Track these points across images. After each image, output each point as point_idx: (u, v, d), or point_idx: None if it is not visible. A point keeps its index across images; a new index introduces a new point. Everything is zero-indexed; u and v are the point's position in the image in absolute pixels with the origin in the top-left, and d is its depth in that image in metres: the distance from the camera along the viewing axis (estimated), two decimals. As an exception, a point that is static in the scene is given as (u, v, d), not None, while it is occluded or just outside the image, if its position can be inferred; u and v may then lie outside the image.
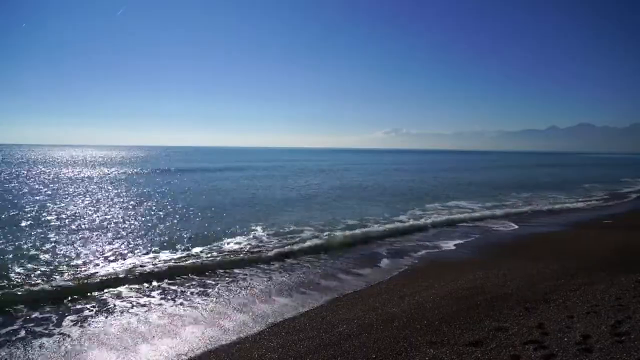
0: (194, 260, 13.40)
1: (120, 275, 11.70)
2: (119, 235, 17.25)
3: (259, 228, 18.90)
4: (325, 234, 17.58)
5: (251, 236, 17.28)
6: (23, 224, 19.13)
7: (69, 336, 8.29)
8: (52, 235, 16.92)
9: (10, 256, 13.71)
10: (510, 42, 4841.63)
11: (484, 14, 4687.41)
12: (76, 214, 22.03)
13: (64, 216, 21.43)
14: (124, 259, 13.64)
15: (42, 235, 16.71)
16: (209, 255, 14.22)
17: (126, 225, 19.37)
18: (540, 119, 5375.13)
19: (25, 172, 54.94)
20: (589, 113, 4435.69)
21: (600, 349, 6.40)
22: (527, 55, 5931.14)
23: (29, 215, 21.45)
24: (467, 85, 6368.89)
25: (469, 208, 26.27)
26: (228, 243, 16.09)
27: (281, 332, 8.34)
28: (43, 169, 62.65)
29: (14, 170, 57.00)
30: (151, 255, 14.20)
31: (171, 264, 12.90)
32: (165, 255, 14.19)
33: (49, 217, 20.92)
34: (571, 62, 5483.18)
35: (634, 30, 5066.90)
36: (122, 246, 15.44)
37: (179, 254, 14.30)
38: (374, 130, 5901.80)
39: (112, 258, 13.78)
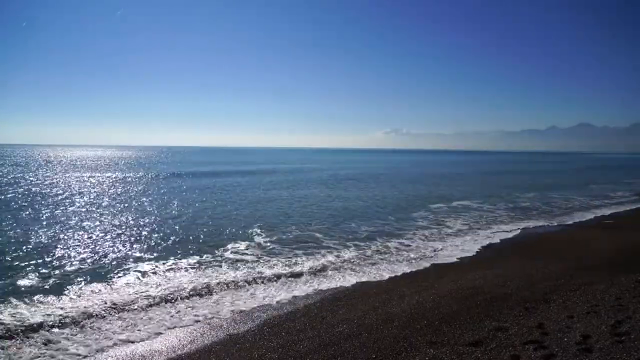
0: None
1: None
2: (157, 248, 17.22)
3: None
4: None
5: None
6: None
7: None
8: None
9: None
10: (510, 42, 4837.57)
11: (484, 14, 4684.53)
12: (74, 218, 22.05)
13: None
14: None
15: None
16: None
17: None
18: (540, 119, 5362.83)
19: (33, 175, 54.94)
20: (589, 113, 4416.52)
21: (600, 349, 6.40)
22: (528, 55, 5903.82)
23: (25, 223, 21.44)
24: (467, 85, 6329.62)
25: (484, 210, 25.81)
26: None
27: (281, 332, 8.34)
28: (44, 174, 62.71)
29: (16, 172, 57.03)
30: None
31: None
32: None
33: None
34: (571, 62, 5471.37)
35: (635, 30, 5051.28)
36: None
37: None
38: (374, 130, 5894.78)
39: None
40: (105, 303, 9.76)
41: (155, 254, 14.18)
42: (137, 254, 14.17)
